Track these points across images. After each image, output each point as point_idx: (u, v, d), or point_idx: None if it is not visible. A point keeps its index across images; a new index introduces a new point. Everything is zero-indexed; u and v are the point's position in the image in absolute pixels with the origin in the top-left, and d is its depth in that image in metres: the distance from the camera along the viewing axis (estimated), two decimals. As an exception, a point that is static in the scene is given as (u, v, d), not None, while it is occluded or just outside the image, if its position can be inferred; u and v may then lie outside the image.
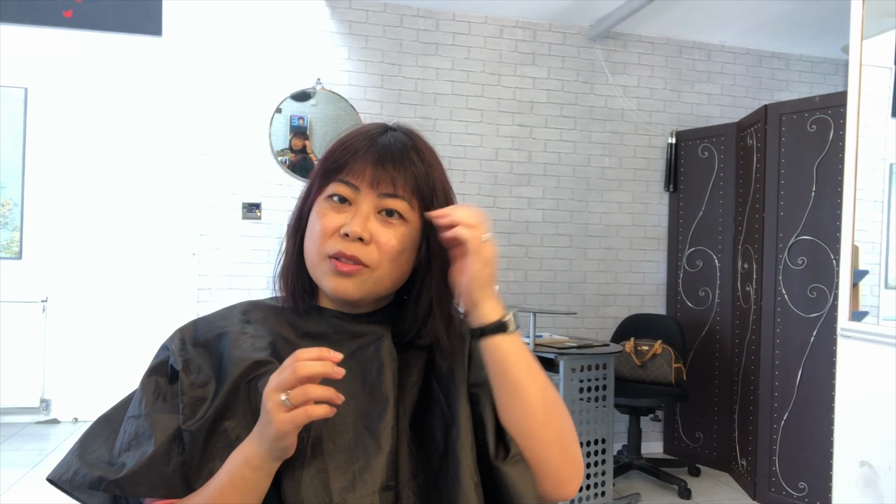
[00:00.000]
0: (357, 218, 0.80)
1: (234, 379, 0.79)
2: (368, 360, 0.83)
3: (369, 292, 0.83)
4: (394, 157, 0.82)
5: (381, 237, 0.81)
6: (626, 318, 3.96)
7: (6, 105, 3.99)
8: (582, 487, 2.93)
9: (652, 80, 4.11)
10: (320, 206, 0.83)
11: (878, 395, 2.17)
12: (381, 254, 0.81)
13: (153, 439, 0.77)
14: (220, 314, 0.88)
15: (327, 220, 0.81)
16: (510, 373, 0.80)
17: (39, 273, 4.04)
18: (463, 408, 0.80)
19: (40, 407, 4.00)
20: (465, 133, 3.84)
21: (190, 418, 0.78)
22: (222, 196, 3.59)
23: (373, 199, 0.81)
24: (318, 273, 0.83)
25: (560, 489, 0.81)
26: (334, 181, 0.82)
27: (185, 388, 0.79)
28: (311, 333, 0.85)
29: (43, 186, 4.02)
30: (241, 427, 0.78)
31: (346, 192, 0.82)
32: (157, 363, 0.84)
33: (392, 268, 0.82)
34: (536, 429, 0.79)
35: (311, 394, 0.69)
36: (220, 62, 3.59)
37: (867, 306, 2.43)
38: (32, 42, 3.93)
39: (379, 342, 0.84)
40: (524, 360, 0.80)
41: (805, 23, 3.81)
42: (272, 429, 0.70)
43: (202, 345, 0.84)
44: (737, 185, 3.70)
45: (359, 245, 0.80)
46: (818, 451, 3.04)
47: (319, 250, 0.81)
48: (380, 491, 0.76)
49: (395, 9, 3.76)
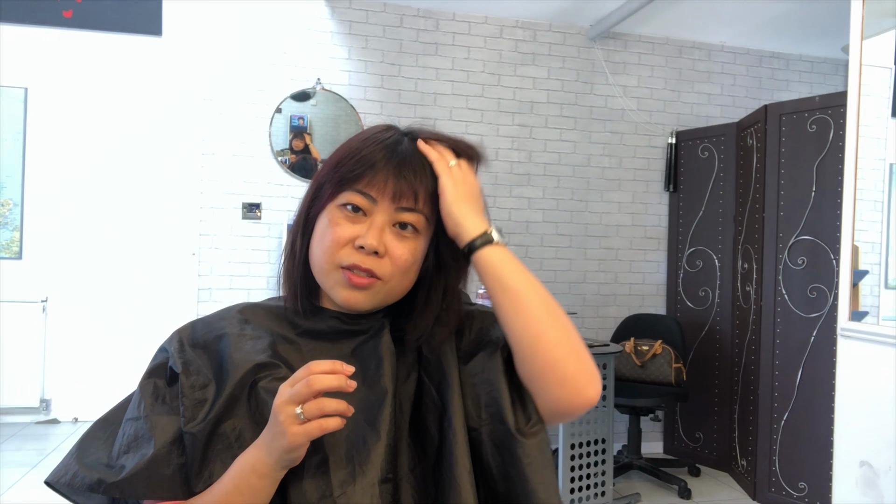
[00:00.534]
0: (373, 230, 0.79)
1: (236, 382, 0.79)
2: (367, 355, 0.83)
3: (380, 304, 0.83)
4: (414, 170, 0.81)
5: (396, 251, 0.80)
6: (626, 318, 3.96)
7: (6, 105, 3.99)
8: (582, 487, 2.93)
9: (652, 80, 4.11)
10: (333, 214, 0.81)
11: (878, 395, 2.17)
12: (395, 267, 0.81)
13: (152, 441, 0.77)
14: (218, 315, 0.88)
15: (341, 230, 0.80)
16: (506, 281, 0.80)
17: (39, 273, 4.04)
18: (454, 399, 0.80)
19: (40, 407, 4.01)
20: (465, 133, 3.84)
21: (191, 420, 0.77)
22: (222, 196, 3.59)
23: (389, 212, 0.81)
24: (329, 281, 0.82)
25: (579, 395, 0.79)
26: (350, 190, 0.81)
27: (186, 391, 0.79)
28: (310, 331, 0.85)
29: (43, 186, 4.02)
30: (240, 427, 0.78)
31: (363, 203, 0.80)
32: (156, 365, 0.84)
33: (403, 279, 0.83)
34: (544, 331, 0.79)
35: (325, 408, 0.69)
36: (220, 62, 3.59)
37: (867, 306, 2.43)
38: (32, 42, 3.93)
39: (377, 337, 0.84)
40: (517, 268, 0.81)
41: (805, 23, 3.81)
42: (284, 441, 0.69)
43: (201, 346, 0.84)
44: (737, 185, 3.70)
45: (374, 258, 0.79)
46: (818, 451, 3.04)
47: (331, 259, 0.80)
48: (379, 483, 0.75)
49: (395, 9, 3.76)
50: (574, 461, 2.91)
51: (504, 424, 0.78)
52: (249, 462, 0.73)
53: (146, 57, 3.99)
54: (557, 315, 0.80)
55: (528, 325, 0.79)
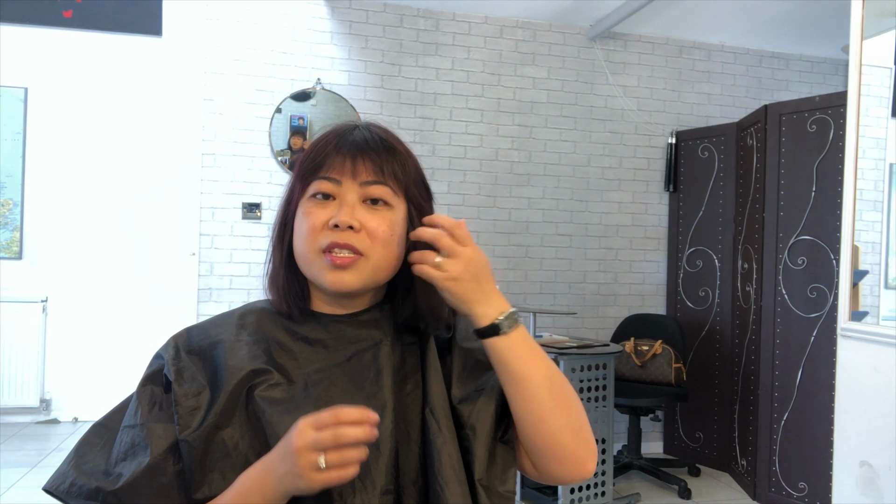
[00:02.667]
0: (344, 207, 0.81)
1: (232, 388, 0.79)
2: (366, 365, 0.83)
3: (368, 281, 0.83)
4: (371, 147, 0.83)
5: (371, 223, 0.81)
6: (626, 318, 3.96)
7: (6, 105, 3.99)
8: (582, 487, 2.93)
9: (652, 80, 4.11)
10: (305, 206, 0.83)
11: (878, 395, 2.17)
12: (374, 240, 0.81)
13: (149, 449, 0.77)
14: (215, 321, 0.88)
15: (314, 217, 0.81)
16: (512, 368, 0.80)
17: (39, 273, 4.04)
18: (441, 408, 0.81)
19: (40, 407, 4.01)
20: (465, 133, 3.84)
21: (186, 428, 0.77)
22: (222, 196, 3.59)
23: (356, 190, 0.82)
24: (315, 270, 0.82)
25: (577, 470, 0.82)
26: (315, 180, 0.83)
27: (179, 399, 0.79)
28: (307, 338, 0.85)
29: (43, 186, 4.02)
30: (238, 436, 0.78)
31: (329, 188, 0.82)
32: (152, 372, 0.84)
33: (386, 253, 0.82)
34: (546, 416, 0.80)
35: (348, 459, 0.69)
36: (220, 62, 3.59)
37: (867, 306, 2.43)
38: (32, 42, 3.93)
39: (377, 347, 0.84)
40: (525, 354, 0.80)
41: (805, 23, 3.81)
42: (301, 483, 0.69)
43: (196, 352, 0.83)
44: (737, 185, 3.71)
45: (350, 233, 0.80)
46: (818, 451, 3.04)
47: (311, 247, 0.81)
48: (380, 495, 0.76)
49: (395, 9, 3.76)
50: (574, 461, 2.90)
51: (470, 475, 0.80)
52: (257, 484, 0.73)
53: (146, 57, 3.99)
54: (560, 398, 0.81)
55: (529, 408, 0.80)
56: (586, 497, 2.94)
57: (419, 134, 3.76)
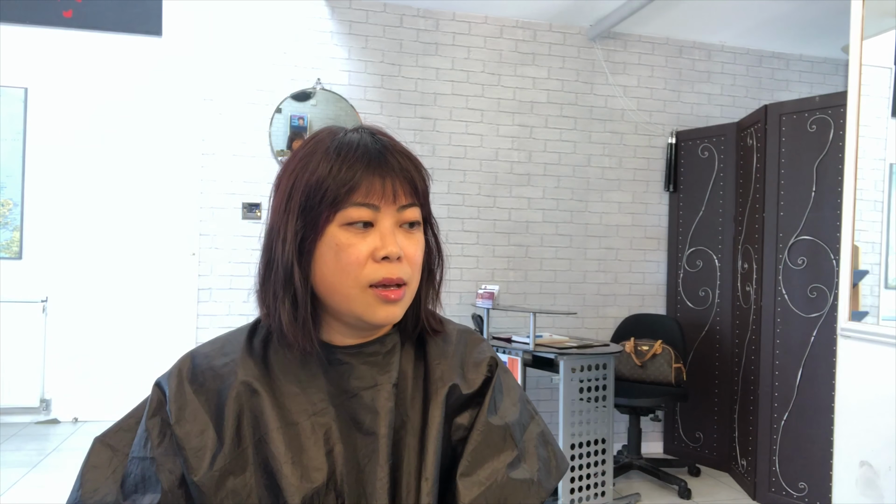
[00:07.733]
0: (388, 237, 0.76)
1: (239, 434, 0.78)
2: (365, 406, 0.80)
3: (406, 307, 0.82)
4: (402, 165, 0.78)
5: (409, 249, 0.79)
6: (626, 318, 3.96)
7: (6, 105, 3.99)
8: (582, 487, 2.93)
9: (652, 80, 4.11)
10: (338, 237, 0.76)
11: (878, 395, 2.17)
12: (413, 267, 0.79)
13: (160, 485, 0.77)
14: (221, 347, 0.85)
15: (356, 250, 0.76)
16: None
17: (39, 273, 4.04)
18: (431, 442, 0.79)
19: (40, 407, 4.01)
20: (465, 133, 3.84)
21: (195, 469, 0.76)
22: (222, 196, 3.59)
23: (393, 214, 0.77)
24: (357, 306, 0.77)
25: None
26: (349, 207, 0.76)
27: (182, 441, 0.77)
28: (313, 374, 0.82)
29: (43, 186, 4.02)
30: (250, 485, 0.76)
31: (368, 215, 0.76)
32: (159, 403, 0.82)
33: (418, 276, 0.81)
34: None
35: None
36: (220, 62, 3.59)
37: (867, 306, 2.43)
38: (32, 42, 3.93)
39: (376, 390, 0.81)
40: None
41: (805, 23, 3.81)
42: None
43: (199, 383, 0.81)
44: (737, 186, 3.71)
45: (398, 265, 0.77)
46: (818, 451, 3.05)
47: (357, 282, 0.76)
48: None
49: (395, 9, 3.76)
50: (574, 461, 2.91)
51: None
52: None
53: (146, 57, 3.99)
54: None
55: None
56: (586, 497, 2.94)
57: (419, 134, 3.75)
